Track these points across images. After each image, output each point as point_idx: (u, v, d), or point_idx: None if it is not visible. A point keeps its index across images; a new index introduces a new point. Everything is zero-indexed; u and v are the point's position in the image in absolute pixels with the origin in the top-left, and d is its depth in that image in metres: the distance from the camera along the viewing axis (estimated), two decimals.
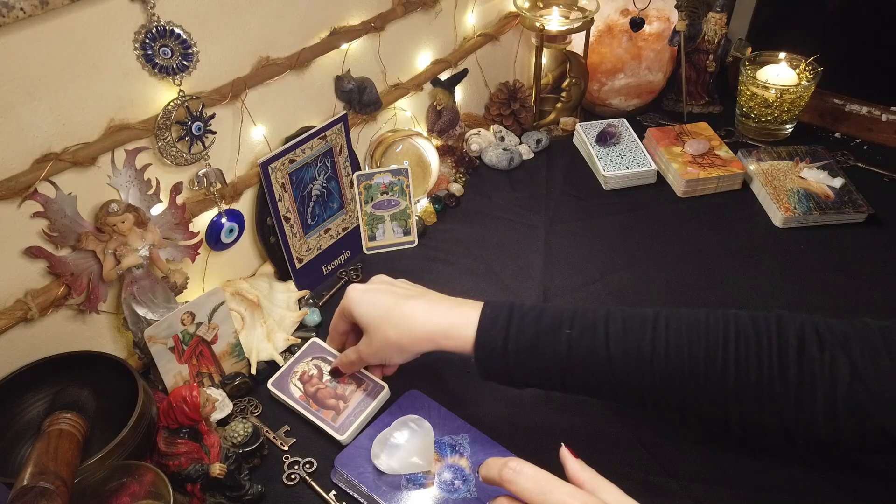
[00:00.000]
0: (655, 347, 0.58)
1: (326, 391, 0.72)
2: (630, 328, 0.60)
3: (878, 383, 0.55)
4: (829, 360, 0.56)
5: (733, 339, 0.58)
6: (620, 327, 0.60)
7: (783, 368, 0.57)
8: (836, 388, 0.56)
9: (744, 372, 0.57)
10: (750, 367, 0.57)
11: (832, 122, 1.18)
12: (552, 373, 0.61)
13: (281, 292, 0.84)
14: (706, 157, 1.06)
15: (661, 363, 0.58)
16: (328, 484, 0.66)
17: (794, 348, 0.57)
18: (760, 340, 0.57)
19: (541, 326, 0.61)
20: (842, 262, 0.91)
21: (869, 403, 0.55)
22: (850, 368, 0.56)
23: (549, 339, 0.60)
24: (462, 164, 1.08)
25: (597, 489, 0.48)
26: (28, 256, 0.63)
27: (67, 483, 0.51)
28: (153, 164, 0.70)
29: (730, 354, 0.57)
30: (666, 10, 1.16)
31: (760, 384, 0.57)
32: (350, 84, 0.88)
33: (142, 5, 0.63)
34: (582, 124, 1.14)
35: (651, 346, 0.58)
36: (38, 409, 0.65)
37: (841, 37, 1.18)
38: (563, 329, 0.60)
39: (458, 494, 0.63)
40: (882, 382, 0.55)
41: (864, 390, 0.55)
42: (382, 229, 0.95)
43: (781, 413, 0.57)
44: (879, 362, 0.56)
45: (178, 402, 0.61)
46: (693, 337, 0.58)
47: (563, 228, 0.98)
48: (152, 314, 0.70)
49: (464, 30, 1.07)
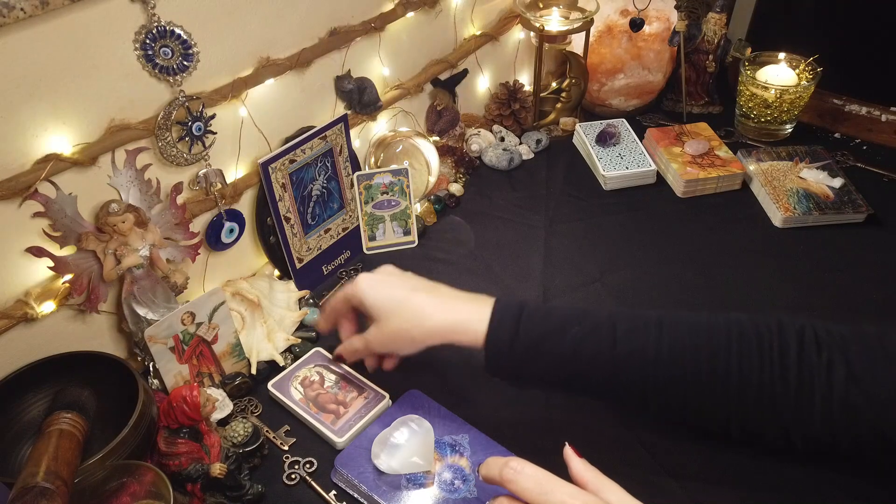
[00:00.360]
0: (659, 349, 0.59)
1: (327, 396, 0.72)
2: (635, 329, 0.60)
3: (874, 384, 0.55)
4: (826, 363, 0.57)
5: (735, 341, 0.58)
6: (626, 328, 0.60)
7: (784, 370, 0.57)
8: (833, 389, 0.56)
9: (746, 373, 0.57)
10: (752, 368, 0.57)
11: (832, 123, 1.18)
12: (558, 372, 0.62)
13: (281, 292, 0.84)
14: (706, 157, 1.06)
15: (665, 364, 0.59)
16: (328, 484, 0.66)
17: (795, 351, 0.57)
18: (762, 343, 0.58)
19: (548, 325, 0.62)
20: (842, 262, 0.91)
21: (864, 405, 0.55)
22: (846, 370, 0.56)
23: (556, 338, 0.61)
24: (462, 164, 1.08)
25: (600, 489, 0.48)
26: (29, 256, 0.63)
27: (67, 483, 0.51)
28: (153, 165, 0.70)
29: (732, 356, 0.58)
30: (666, 10, 1.16)
31: (762, 385, 0.57)
32: (350, 84, 0.88)
33: (142, 5, 0.63)
34: (582, 124, 1.14)
35: (655, 347, 0.59)
36: (39, 409, 0.65)
37: (841, 37, 1.18)
38: (570, 329, 0.61)
39: (458, 494, 0.63)
40: (877, 384, 0.55)
41: (859, 392, 0.55)
42: (382, 229, 0.95)
43: (781, 415, 0.58)
44: (876, 364, 0.56)
45: (179, 401, 0.61)
46: (697, 339, 0.59)
47: (563, 228, 0.98)
48: (152, 314, 0.70)
49: (464, 30, 1.07)
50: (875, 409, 0.55)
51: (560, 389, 0.64)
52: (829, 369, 0.56)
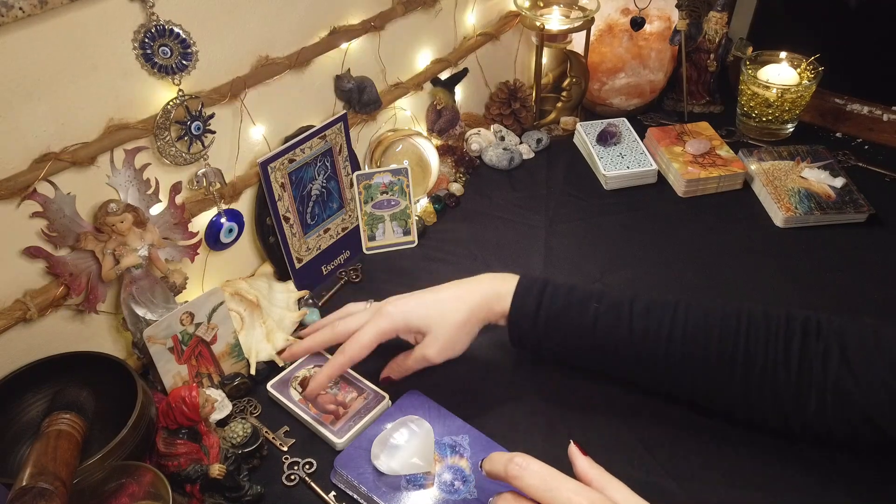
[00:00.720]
0: (674, 328, 0.63)
1: (327, 397, 0.72)
2: (652, 309, 0.65)
3: (864, 369, 0.58)
4: (822, 350, 0.60)
5: (745, 326, 0.62)
6: (644, 307, 0.65)
7: (787, 357, 0.61)
8: (827, 375, 0.59)
9: (752, 357, 0.61)
10: (758, 352, 0.61)
11: (833, 122, 1.18)
12: (578, 343, 0.66)
13: (280, 292, 0.84)
14: (707, 156, 1.06)
15: (678, 343, 0.63)
16: (328, 484, 0.65)
17: (798, 339, 0.61)
18: (770, 329, 0.62)
19: (571, 298, 0.67)
20: (842, 262, 0.91)
21: (854, 389, 0.58)
22: (839, 356, 0.59)
23: (578, 310, 0.66)
24: (462, 163, 1.08)
25: (605, 487, 0.48)
26: (27, 256, 0.63)
27: (66, 483, 0.50)
28: (152, 164, 0.70)
29: (740, 340, 0.62)
30: (667, 9, 1.15)
31: (765, 369, 0.61)
32: (350, 83, 0.88)
33: (141, 5, 0.63)
34: (582, 124, 1.13)
35: (670, 326, 0.63)
36: (38, 410, 0.65)
37: (842, 36, 1.18)
38: (592, 303, 0.66)
39: (458, 495, 0.63)
40: (868, 369, 0.58)
41: (849, 376, 0.59)
42: (382, 229, 0.95)
43: (782, 401, 0.61)
44: (868, 350, 0.59)
45: (178, 402, 0.60)
46: (710, 322, 0.63)
47: (563, 228, 0.98)
48: (151, 314, 0.70)
49: (464, 29, 1.07)
50: (864, 392, 0.58)
51: (577, 362, 0.68)
52: (825, 357, 0.60)
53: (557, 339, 0.67)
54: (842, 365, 0.59)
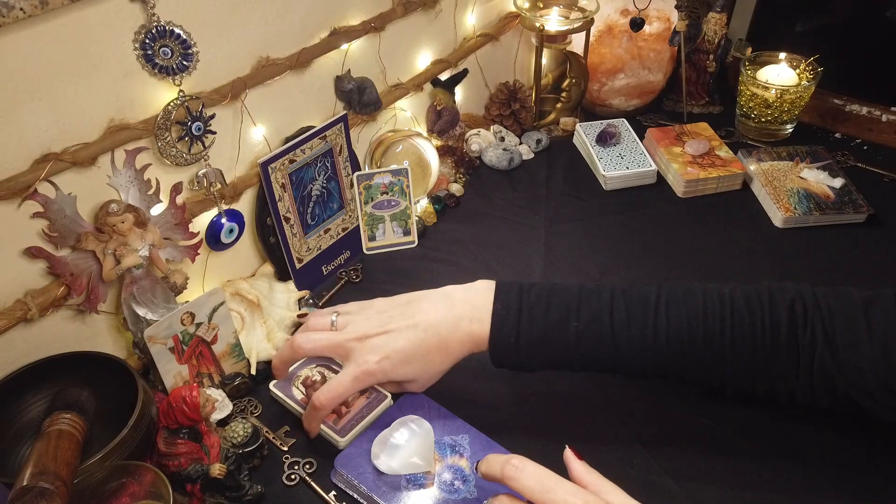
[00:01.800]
0: (657, 334, 0.63)
1: None
2: (633, 316, 0.64)
3: (847, 352, 0.59)
4: (809, 335, 0.61)
5: (729, 322, 0.62)
6: (624, 316, 0.64)
7: (775, 348, 0.61)
8: (813, 360, 0.60)
9: (739, 349, 0.62)
10: (745, 345, 0.62)
11: (832, 123, 1.18)
12: (563, 359, 0.66)
13: (281, 292, 0.84)
14: (706, 157, 1.06)
15: (663, 347, 0.63)
16: (328, 484, 0.65)
17: (785, 326, 0.61)
18: (754, 321, 0.62)
19: (549, 320, 0.65)
20: (842, 262, 0.91)
21: (836, 372, 0.60)
22: (824, 339, 0.60)
23: (558, 331, 0.65)
24: (462, 164, 1.08)
25: (601, 491, 0.48)
26: (28, 256, 0.63)
27: (67, 483, 0.51)
28: (153, 165, 0.70)
29: (726, 336, 0.62)
30: (666, 10, 1.16)
31: (753, 360, 0.62)
32: (350, 84, 0.88)
33: (142, 5, 0.63)
34: (582, 124, 1.14)
35: (653, 332, 0.63)
36: (38, 410, 0.65)
37: (841, 37, 1.18)
38: (571, 321, 0.64)
39: (458, 495, 0.63)
40: (851, 352, 0.59)
41: (832, 359, 0.60)
42: (382, 229, 0.95)
43: (771, 381, 0.63)
44: (855, 334, 0.60)
45: (178, 402, 0.60)
46: (692, 322, 0.63)
47: (563, 228, 0.98)
48: (152, 314, 0.70)
49: (464, 30, 1.07)
50: (845, 374, 0.59)
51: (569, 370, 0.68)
52: (812, 340, 0.61)
53: (542, 360, 0.67)
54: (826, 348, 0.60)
